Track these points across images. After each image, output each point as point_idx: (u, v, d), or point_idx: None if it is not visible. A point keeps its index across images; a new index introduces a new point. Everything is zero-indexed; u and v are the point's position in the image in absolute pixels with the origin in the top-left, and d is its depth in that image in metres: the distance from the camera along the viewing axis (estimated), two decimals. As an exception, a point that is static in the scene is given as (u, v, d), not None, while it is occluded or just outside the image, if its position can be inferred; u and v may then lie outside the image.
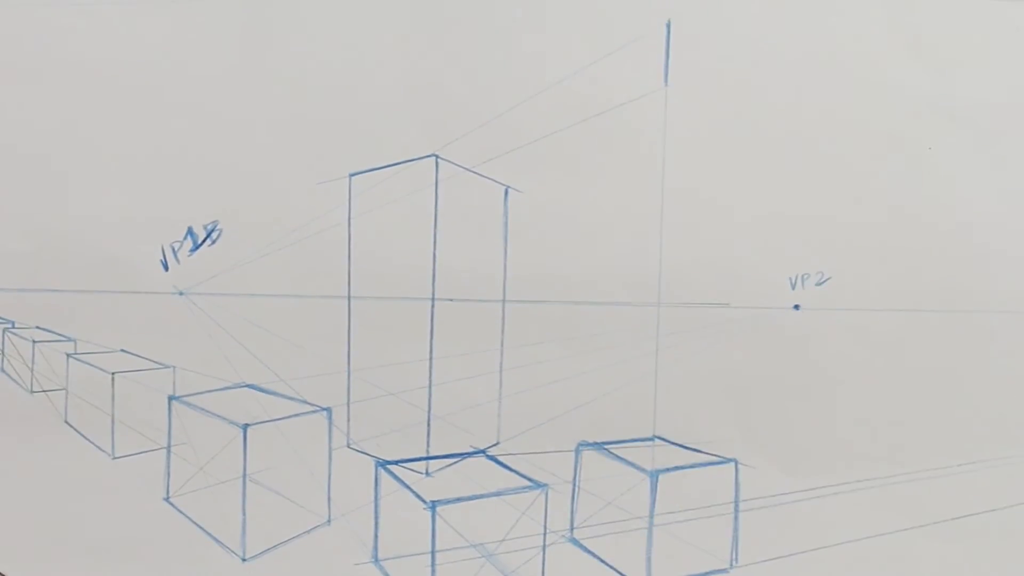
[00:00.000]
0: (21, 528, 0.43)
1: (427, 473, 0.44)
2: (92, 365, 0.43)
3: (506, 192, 0.43)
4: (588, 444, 0.44)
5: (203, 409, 0.44)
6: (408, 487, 0.44)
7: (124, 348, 0.43)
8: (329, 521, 0.44)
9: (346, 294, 0.43)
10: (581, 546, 0.44)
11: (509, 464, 0.44)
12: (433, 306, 0.43)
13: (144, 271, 0.43)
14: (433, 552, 0.44)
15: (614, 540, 0.44)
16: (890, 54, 0.42)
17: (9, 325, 0.43)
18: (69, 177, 0.43)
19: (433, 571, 0.44)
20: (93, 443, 0.43)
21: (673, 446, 0.44)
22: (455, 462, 0.44)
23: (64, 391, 0.43)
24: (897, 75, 0.42)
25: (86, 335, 0.43)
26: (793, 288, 0.44)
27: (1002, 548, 0.44)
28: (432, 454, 0.44)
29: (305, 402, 0.44)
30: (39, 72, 0.42)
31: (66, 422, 0.43)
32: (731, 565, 0.44)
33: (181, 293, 0.43)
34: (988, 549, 0.44)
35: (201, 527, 0.44)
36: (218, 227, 0.43)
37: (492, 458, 0.44)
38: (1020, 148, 0.42)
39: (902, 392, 0.44)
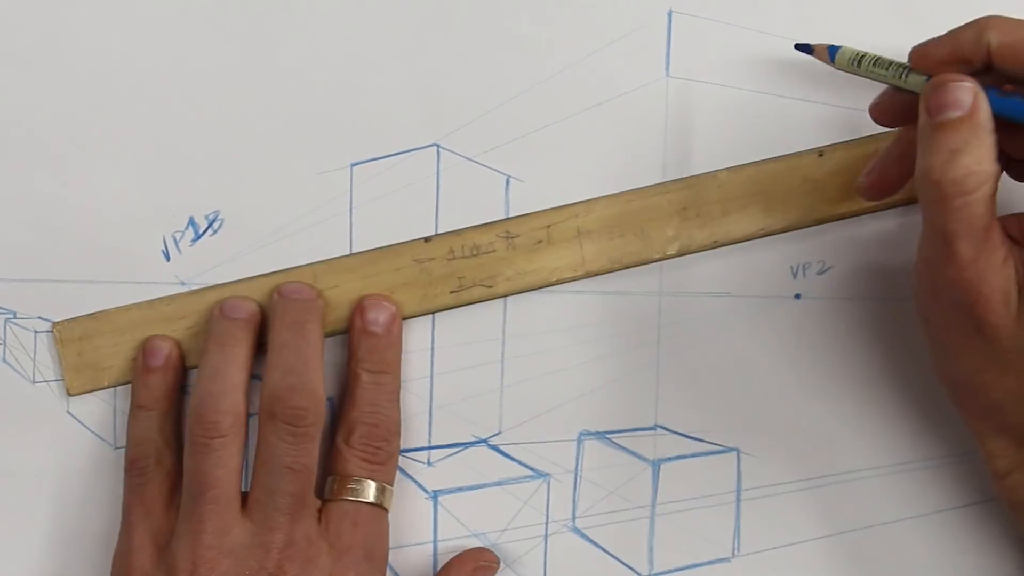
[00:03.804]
0: (22, 517, 0.43)
1: (429, 463, 0.44)
2: (94, 355, 0.43)
3: (507, 181, 0.43)
4: (590, 433, 0.44)
5: (205, 399, 0.44)
6: (410, 476, 0.44)
7: (126, 338, 0.43)
8: (331, 511, 0.44)
9: (347, 284, 0.43)
10: (583, 535, 0.44)
11: (511, 453, 0.44)
12: (434, 296, 0.43)
13: (146, 261, 0.43)
14: (435, 541, 0.44)
15: (616, 529, 0.44)
16: (892, 43, 0.42)
17: (11, 315, 0.43)
18: (70, 167, 0.43)
19: (435, 560, 0.44)
20: (95, 433, 0.43)
21: (675, 435, 0.44)
22: (457, 452, 0.44)
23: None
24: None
25: (88, 325, 0.43)
26: (794, 277, 0.44)
27: (1005, 538, 0.44)
28: (434, 444, 0.44)
29: (307, 392, 0.44)
30: (39, 62, 0.42)
31: (68, 412, 0.43)
32: (733, 554, 0.44)
33: (183, 283, 0.43)
34: (991, 541, 0.44)
35: (203, 517, 0.44)
36: (220, 217, 0.43)
37: (494, 447, 0.44)
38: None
39: (904, 380, 0.44)
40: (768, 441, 0.44)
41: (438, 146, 0.43)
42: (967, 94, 0.35)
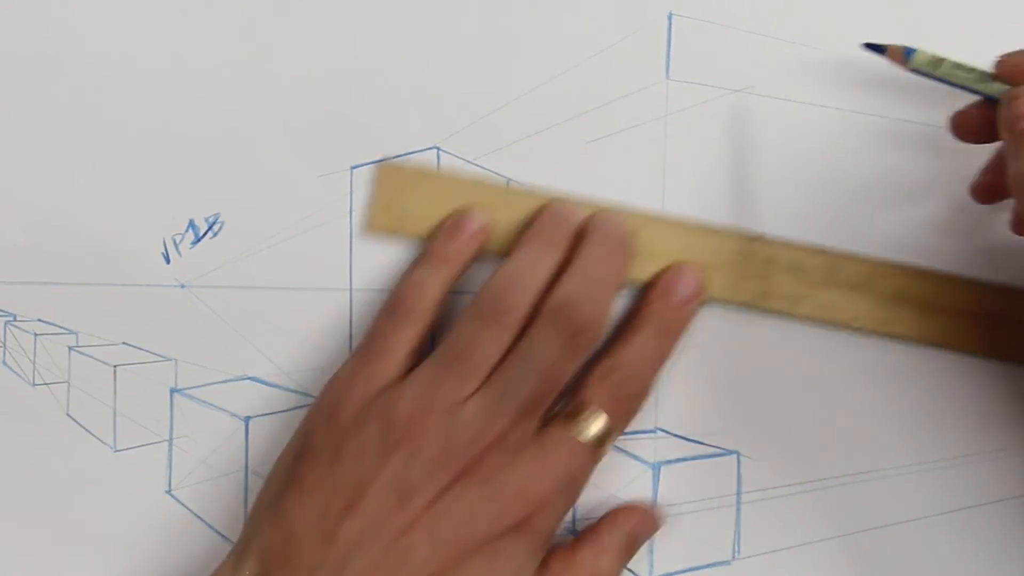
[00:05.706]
0: (22, 521, 0.43)
1: (429, 465, 0.44)
2: (94, 358, 0.43)
3: (507, 184, 0.43)
4: (590, 436, 0.44)
5: (205, 402, 0.44)
6: (410, 479, 0.44)
7: (126, 341, 0.43)
8: (331, 513, 0.44)
9: (348, 287, 0.43)
10: (583, 538, 0.44)
11: (511, 456, 0.44)
12: (435, 298, 0.43)
13: (146, 264, 0.43)
14: (435, 544, 0.44)
15: (616, 532, 0.44)
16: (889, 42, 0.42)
17: (10, 318, 0.43)
18: (70, 169, 0.43)
19: (435, 563, 0.44)
20: (95, 435, 0.43)
21: (675, 438, 0.44)
22: (457, 454, 0.44)
23: (66, 384, 0.43)
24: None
25: (88, 328, 0.43)
26: (795, 280, 0.44)
27: (1007, 539, 0.44)
28: (434, 446, 0.44)
29: (307, 395, 0.44)
30: (39, 63, 0.42)
31: (68, 415, 0.43)
32: (732, 557, 0.44)
33: (183, 286, 0.43)
34: (994, 541, 0.44)
35: (203, 519, 0.44)
36: (220, 219, 0.43)
37: (494, 450, 0.44)
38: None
39: (907, 383, 0.44)
40: (768, 444, 0.44)
41: (438, 148, 0.43)
42: None
